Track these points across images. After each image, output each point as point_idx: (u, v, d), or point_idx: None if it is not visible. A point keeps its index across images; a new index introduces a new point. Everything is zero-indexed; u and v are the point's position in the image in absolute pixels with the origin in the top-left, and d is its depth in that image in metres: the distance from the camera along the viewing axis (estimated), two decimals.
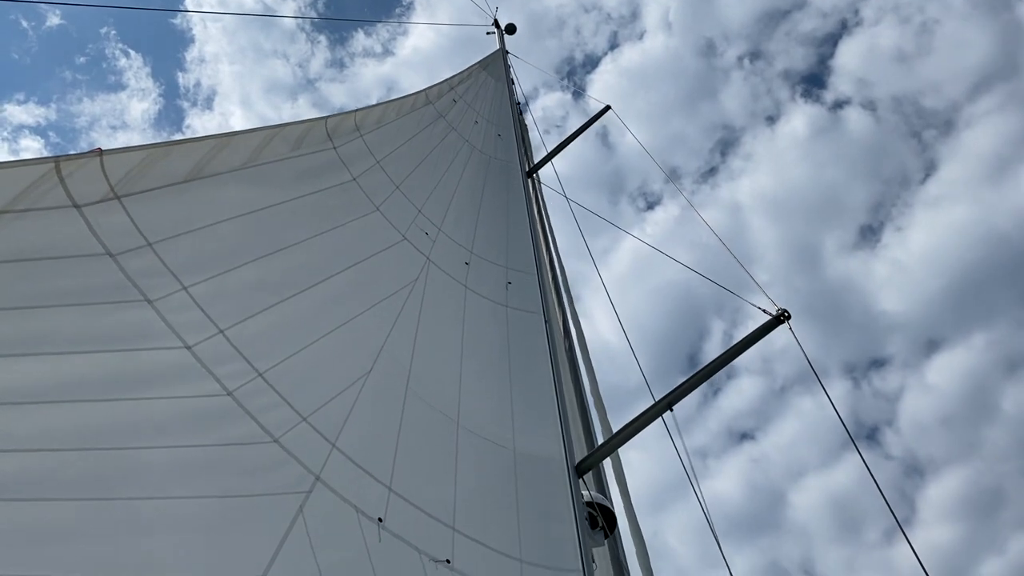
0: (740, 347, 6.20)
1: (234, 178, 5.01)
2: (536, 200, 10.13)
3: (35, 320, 3.46)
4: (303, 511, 3.91)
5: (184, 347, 3.95)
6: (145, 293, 3.92)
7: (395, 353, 5.61)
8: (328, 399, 4.71)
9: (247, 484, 3.78)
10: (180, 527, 3.37)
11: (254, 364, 4.24)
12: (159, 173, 4.39)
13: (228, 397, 3.97)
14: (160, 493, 3.36)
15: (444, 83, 10.10)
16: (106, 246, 3.86)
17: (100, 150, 3.91)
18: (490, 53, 12.74)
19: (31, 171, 3.66)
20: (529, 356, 6.86)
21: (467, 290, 7.11)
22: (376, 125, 7.33)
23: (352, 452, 4.53)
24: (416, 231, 6.99)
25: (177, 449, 3.55)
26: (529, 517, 5.24)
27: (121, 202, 4.03)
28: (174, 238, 4.30)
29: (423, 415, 5.42)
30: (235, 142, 5.14)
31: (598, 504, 5.67)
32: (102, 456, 3.22)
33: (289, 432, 4.21)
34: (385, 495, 4.52)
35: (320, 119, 6.36)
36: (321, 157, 6.37)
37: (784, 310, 6.20)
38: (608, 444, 6.14)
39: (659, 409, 5.92)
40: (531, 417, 6.18)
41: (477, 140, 9.81)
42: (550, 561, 4.98)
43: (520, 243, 8.37)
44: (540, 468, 5.72)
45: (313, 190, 5.90)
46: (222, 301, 4.33)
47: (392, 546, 4.28)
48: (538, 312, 7.35)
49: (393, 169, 7.27)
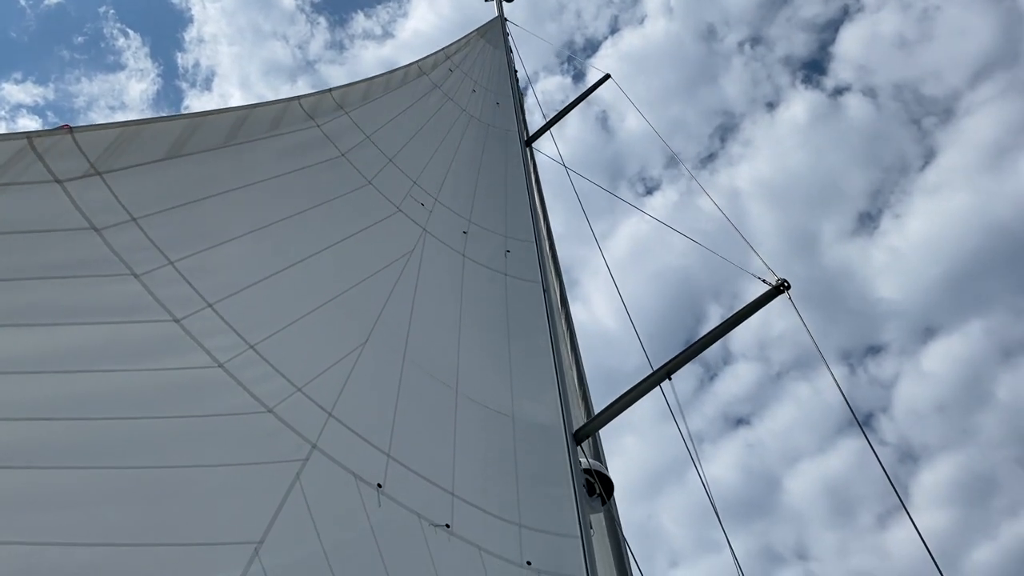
0: (739, 316, 6.18)
1: (215, 156, 5.01)
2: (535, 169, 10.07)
3: (22, 292, 3.50)
4: (300, 478, 3.95)
5: (173, 320, 3.98)
6: (131, 267, 3.94)
7: (392, 323, 5.63)
8: (323, 369, 4.74)
9: (242, 453, 3.83)
10: (176, 495, 3.42)
11: (245, 337, 4.27)
12: (137, 151, 4.39)
13: (219, 369, 4.01)
14: (154, 462, 3.41)
15: (440, 52, 10.01)
16: (90, 221, 3.88)
17: (68, 127, 3.92)
18: (488, 21, 12.59)
19: (6, 146, 3.67)
20: (528, 324, 6.86)
21: (465, 259, 7.10)
22: (362, 101, 7.29)
23: (349, 420, 4.56)
24: (411, 203, 6.98)
25: (170, 420, 3.59)
26: (528, 483, 5.28)
27: (103, 178, 4.04)
28: (158, 214, 4.31)
29: (421, 383, 5.44)
30: (207, 122, 5.14)
31: (595, 471, 5.70)
32: (94, 425, 3.27)
33: (284, 402, 4.24)
34: (384, 462, 4.56)
35: (292, 99, 6.32)
36: (304, 135, 6.35)
37: (784, 280, 6.17)
38: (606, 412, 6.14)
39: (658, 378, 5.92)
40: (530, 385, 6.20)
41: (475, 109, 9.74)
42: (548, 526, 5.02)
43: (519, 211, 8.35)
44: (538, 435, 5.75)
45: (299, 166, 5.90)
46: (210, 275, 4.35)
47: (392, 511, 4.33)
48: (536, 281, 7.34)
49: (385, 143, 7.24)
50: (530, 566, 4.72)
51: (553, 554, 4.84)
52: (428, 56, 9.51)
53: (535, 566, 4.72)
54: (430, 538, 4.41)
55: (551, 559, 4.80)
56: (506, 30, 12.82)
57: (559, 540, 4.94)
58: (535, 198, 8.81)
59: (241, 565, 3.34)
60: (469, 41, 11.08)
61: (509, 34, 12.73)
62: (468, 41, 11.12)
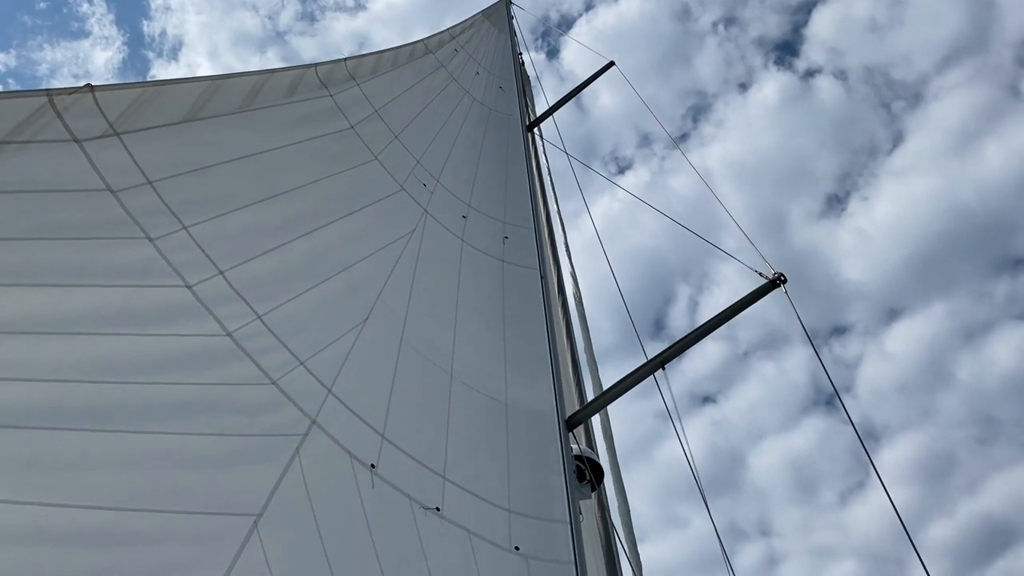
0: (735, 309, 6.23)
1: (231, 121, 4.96)
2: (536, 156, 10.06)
3: (37, 251, 3.45)
4: (299, 453, 3.95)
5: (185, 286, 3.94)
6: (146, 231, 3.90)
7: (391, 303, 5.62)
8: (325, 345, 4.73)
9: (245, 424, 3.82)
10: (180, 462, 3.41)
11: (253, 306, 4.25)
12: (156, 112, 4.33)
13: (228, 338, 3.99)
14: (160, 428, 3.39)
15: (445, 32, 9.95)
16: (107, 182, 3.82)
17: (90, 85, 3.86)
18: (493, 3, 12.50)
19: (26, 103, 3.61)
20: (524, 311, 6.89)
21: (464, 243, 7.10)
22: (372, 74, 7.23)
23: (347, 398, 4.56)
24: (414, 182, 6.95)
25: (177, 386, 3.57)
26: (519, 468, 5.32)
27: (121, 139, 3.98)
28: (174, 177, 4.26)
29: (417, 365, 5.45)
30: (227, 86, 5.08)
31: (586, 458, 5.76)
32: (105, 389, 3.24)
33: (287, 375, 4.23)
34: (378, 442, 4.57)
35: (309, 66, 6.27)
36: (317, 104, 6.30)
37: (780, 274, 6.20)
38: (599, 400, 6.21)
39: (652, 367, 5.98)
40: (524, 371, 6.23)
41: (478, 92, 9.70)
42: (538, 512, 5.07)
43: (518, 198, 8.34)
44: (531, 421, 5.79)
45: (310, 136, 5.85)
46: (222, 243, 4.32)
47: (384, 492, 4.34)
48: (534, 268, 7.36)
49: (391, 119, 7.20)
50: (518, 551, 4.77)
51: (542, 539, 4.89)
52: (434, 35, 9.45)
53: (523, 551, 4.77)
54: (420, 521, 4.43)
55: (540, 544, 4.85)
56: (511, 13, 12.74)
57: (548, 526, 4.99)
58: (535, 184, 8.81)
59: (240, 537, 3.34)
60: (474, 23, 11.01)
61: (514, 17, 12.67)
62: (473, 23, 11.05)
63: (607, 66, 10.95)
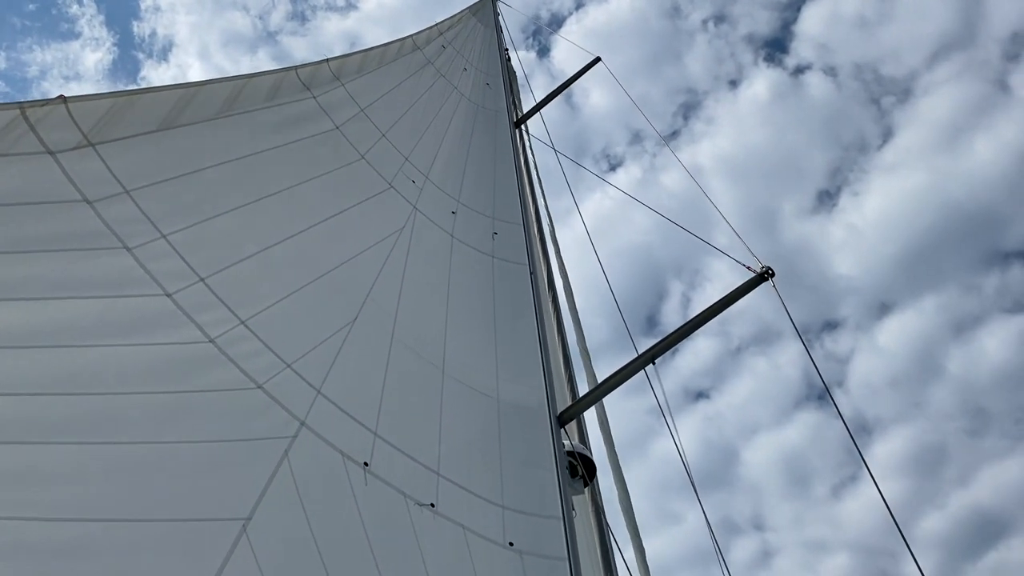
0: (722, 304, 6.22)
1: (209, 127, 4.95)
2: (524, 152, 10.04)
3: (14, 265, 3.45)
4: (288, 455, 3.96)
5: (164, 294, 3.95)
6: (124, 240, 3.90)
7: (381, 301, 5.62)
8: (313, 346, 4.73)
9: (232, 429, 3.82)
10: (165, 470, 3.42)
11: (236, 312, 4.25)
12: (131, 121, 4.33)
13: (210, 344, 3.99)
14: (144, 437, 3.40)
15: (433, 28, 9.92)
16: (83, 193, 3.83)
17: (63, 97, 3.85)
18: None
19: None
20: (515, 307, 6.89)
21: (454, 240, 7.10)
22: (357, 73, 7.21)
23: (337, 398, 4.57)
24: (403, 179, 6.94)
25: (160, 394, 3.57)
26: (512, 464, 5.32)
27: (96, 149, 3.98)
28: (151, 186, 4.26)
29: (409, 363, 5.45)
30: (204, 92, 5.06)
31: (579, 453, 5.76)
32: (85, 400, 3.24)
33: (273, 378, 4.24)
34: (371, 440, 4.58)
35: (289, 69, 6.25)
36: (300, 107, 6.29)
37: (768, 268, 6.18)
38: (590, 395, 6.22)
39: (642, 362, 5.98)
40: (515, 367, 6.23)
41: (466, 88, 9.68)
42: (531, 508, 5.08)
43: (507, 193, 8.33)
44: (523, 417, 5.79)
45: (294, 139, 5.84)
46: (202, 249, 4.32)
47: (378, 490, 4.35)
48: (524, 263, 7.36)
49: (378, 117, 7.18)
50: (513, 547, 4.77)
51: (535, 535, 4.90)
52: (422, 31, 9.42)
53: (518, 547, 4.78)
54: (415, 517, 4.44)
55: (534, 540, 4.86)
56: (497, 9, 12.71)
57: (542, 522, 5.00)
58: (524, 180, 8.80)
59: (229, 541, 3.35)
60: (461, 19, 10.98)
61: (500, 14, 12.64)
62: (460, 19, 11.02)
63: (593, 62, 10.92)
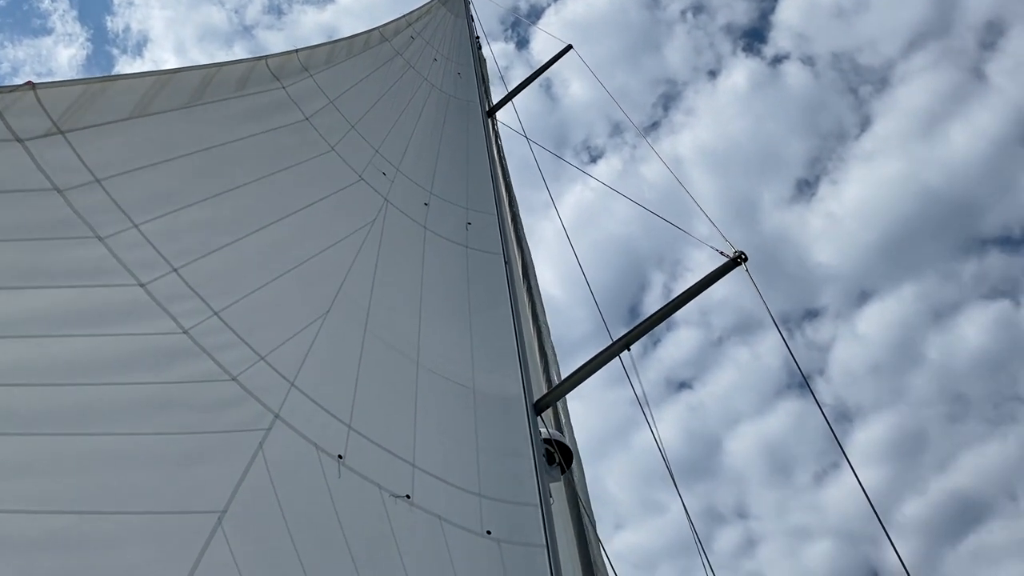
0: (696, 289, 6.28)
1: (180, 116, 4.88)
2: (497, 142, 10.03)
3: None
4: (263, 448, 3.93)
5: (137, 284, 3.89)
6: (95, 230, 3.83)
7: (353, 293, 5.59)
8: (286, 339, 4.70)
9: (206, 421, 3.79)
10: (138, 463, 3.38)
11: (210, 303, 4.20)
12: (102, 109, 4.25)
13: (184, 335, 3.94)
14: (116, 429, 3.35)
15: (402, 19, 9.86)
16: (53, 181, 3.75)
17: (32, 83, 3.77)
18: None
19: None
20: (489, 297, 6.89)
21: (426, 231, 7.08)
22: (326, 64, 7.16)
23: (311, 391, 4.54)
24: (373, 171, 6.91)
25: (134, 386, 3.53)
26: (488, 454, 5.34)
27: (66, 137, 3.91)
28: (123, 175, 4.19)
29: (382, 355, 5.44)
30: (175, 80, 4.99)
31: (555, 441, 5.80)
32: (57, 392, 3.19)
33: (247, 371, 4.20)
34: (345, 433, 4.56)
35: (259, 58, 6.19)
36: (269, 97, 6.22)
37: (741, 252, 6.25)
38: (566, 383, 6.24)
39: (616, 349, 6.02)
40: (491, 357, 6.24)
41: (436, 79, 9.64)
42: (508, 496, 5.10)
43: (480, 184, 8.32)
44: (499, 407, 5.81)
45: (264, 129, 5.78)
46: (175, 239, 4.26)
47: (352, 482, 4.34)
48: (498, 253, 7.36)
49: (348, 109, 7.13)
50: (490, 535, 4.79)
51: (513, 523, 4.92)
52: (389, 22, 9.35)
53: (495, 535, 4.80)
54: (391, 509, 4.44)
55: (511, 528, 4.88)
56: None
57: (519, 509, 5.02)
58: (497, 170, 8.79)
59: (205, 534, 3.33)
60: (430, 9, 10.93)
61: (471, 3, 12.59)
62: (429, 9, 10.96)
63: (565, 50, 10.93)
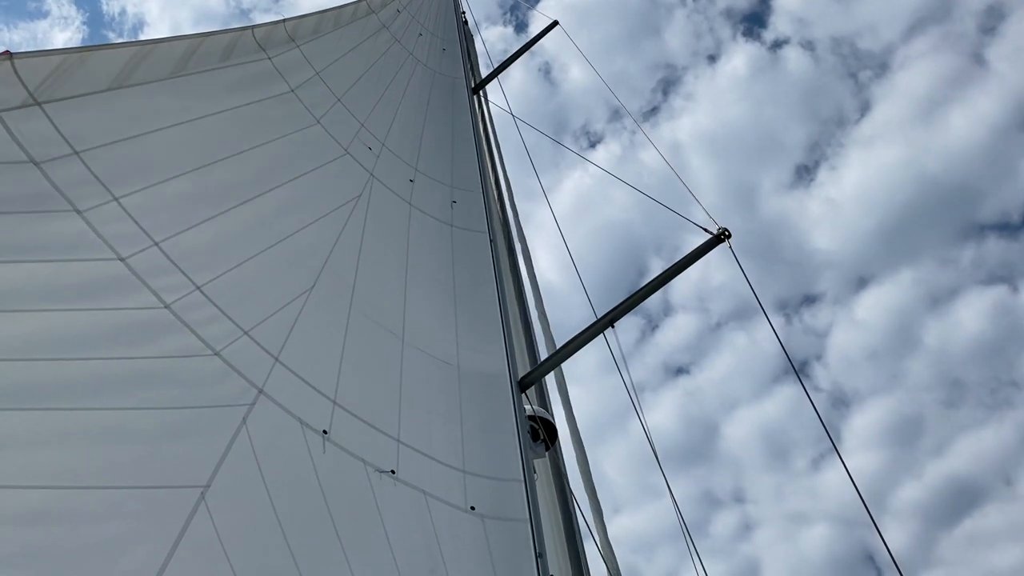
0: (680, 265, 6.30)
1: (163, 88, 4.80)
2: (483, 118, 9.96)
3: None
4: (246, 423, 3.92)
5: (118, 259, 3.84)
6: (74, 203, 3.78)
7: (338, 269, 5.56)
8: (270, 313, 4.67)
9: (189, 396, 3.77)
10: (120, 438, 3.36)
11: (192, 277, 4.17)
12: (81, 80, 4.17)
13: (166, 310, 3.91)
14: (97, 404, 3.33)
15: None
16: (29, 154, 3.69)
17: (9, 52, 3.69)
18: None
19: None
20: (474, 274, 6.88)
21: (412, 208, 7.04)
22: (313, 35, 7.05)
23: (295, 366, 4.53)
24: (359, 146, 6.84)
25: (114, 361, 3.50)
26: (473, 430, 5.35)
27: (43, 108, 3.83)
28: (102, 147, 4.12)
29: (367, 331, 5.43)
30: (157, 51, 4.90)
31: (540, 418, 5.82)
32: (38, 366, 3.16)
33: (230, 345, 4.18)
34: (329, 408, 4.56)
35: (245, 28, 6.09)
36: (255, 67, 6.13)
37: (724, 229, 6.28)
38: (550, 360, 6.27)
39: (601, 325, 6.04)
40: (476, 334, 6.24)
41: (422, 53, 9.54)
42: (492, 472, 5.12)
43: (466, 161, 8.27)
44: (484, 383, 5.81)
45: (249, 101, 5.70)
46: (156, 213, 4.21)
47: (337, 457, 4.34)
48: (483, 231, 7.34)
49: (334, 81, 7.05)
50: (474, 511, 4.82)
51: (497, 499, 4.94)
52: None
53: (479, 511, 4.82)
54: (375, 484, 4.45)
55: (495, 504, 4.90)
56: None
57: (503, 485, 5.04)
58: (483, 147, 8.74)
59: (187, 509, 3.32)
60: None
61: None
62: None
63: (551, 26, 10.83)
